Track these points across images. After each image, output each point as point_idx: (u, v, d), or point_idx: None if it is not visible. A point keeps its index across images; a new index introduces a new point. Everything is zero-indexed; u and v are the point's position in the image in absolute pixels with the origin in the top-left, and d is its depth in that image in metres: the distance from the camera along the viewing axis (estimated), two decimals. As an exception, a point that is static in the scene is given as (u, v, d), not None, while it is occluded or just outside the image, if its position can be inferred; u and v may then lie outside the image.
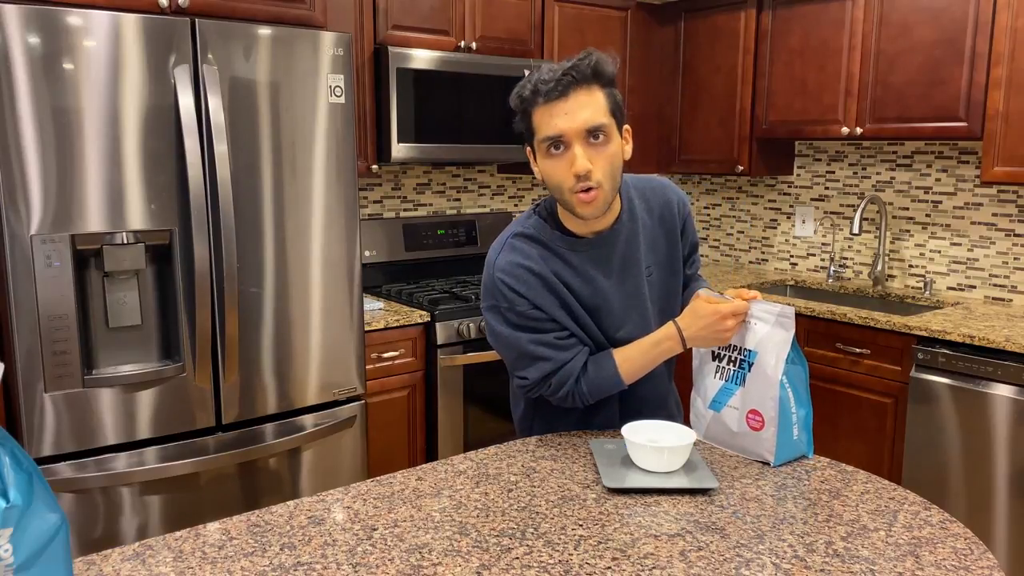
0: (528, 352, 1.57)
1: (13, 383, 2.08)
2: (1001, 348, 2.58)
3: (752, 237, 4.12)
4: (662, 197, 1.66)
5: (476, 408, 3.07)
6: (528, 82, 1.47)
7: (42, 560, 0.92)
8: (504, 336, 1.58)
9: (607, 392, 1.59)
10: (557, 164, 1.46)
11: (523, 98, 1.48)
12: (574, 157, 1.43)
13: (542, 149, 1.48)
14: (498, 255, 1.58)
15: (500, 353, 1.64)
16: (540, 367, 1.57)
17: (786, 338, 1.45)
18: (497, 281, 1.56)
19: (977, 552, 1.17)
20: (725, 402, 1.53)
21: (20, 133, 1.98)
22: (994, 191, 3.22)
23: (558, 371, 1.56)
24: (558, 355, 1.56)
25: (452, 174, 3.70)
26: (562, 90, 1.42)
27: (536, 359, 1.57)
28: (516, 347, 1.58)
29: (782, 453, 1.47)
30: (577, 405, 1.61)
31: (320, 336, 2.50)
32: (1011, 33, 2.77)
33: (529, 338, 1.56)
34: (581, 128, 1.42)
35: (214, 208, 2.24)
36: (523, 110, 1.49)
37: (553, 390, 1.58)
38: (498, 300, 1.57)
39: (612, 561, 1.13)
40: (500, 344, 1.61)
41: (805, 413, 1.49)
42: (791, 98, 3.46)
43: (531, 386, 1.59)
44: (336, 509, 1.29)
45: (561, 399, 1.59)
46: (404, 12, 3.03)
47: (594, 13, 3.59)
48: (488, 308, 1.60)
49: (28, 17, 1.95)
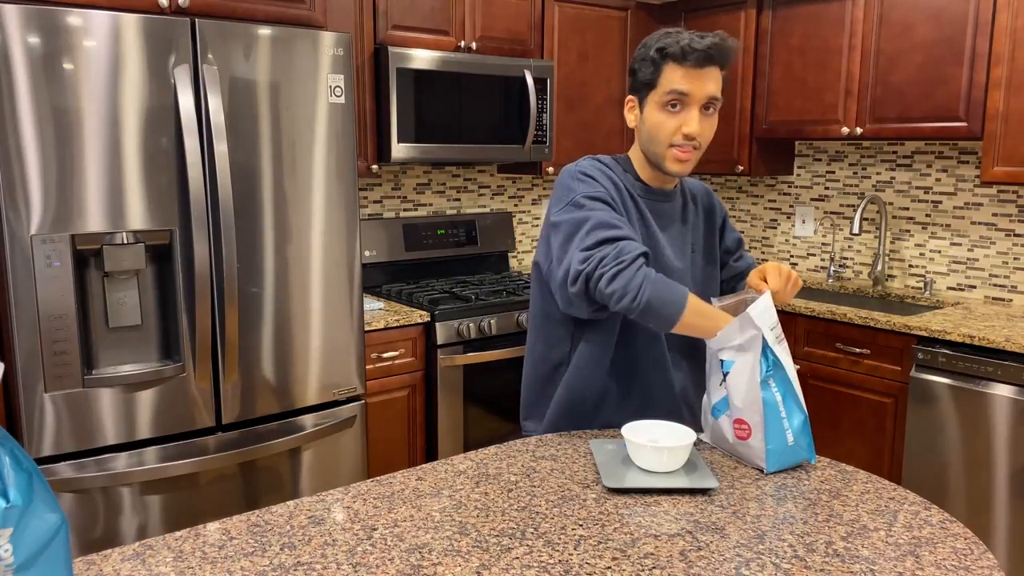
0: (603, 220, 1.51)
1: (13, 383, 2.08)
2: (1001, 348, 2.58)
3: (752, 237, 4.12)
4: (704, 192, 1.81)
5: (476, 408, 3.07)
6: (674, 39, 1.53)
7: (42, 560, 0.92)
8: (576, 218, 1.53)
9: (665, 304, 1.46)
10: (670, 119, 1.56)
11: (666, 53, 1.54)
12: (690, 118, 1.55)
13: (660, 102, 1.56)
14: (576, 164, 1.64)
15: (566, 249, 1.54)
16: (612, 231, 1.50)
17: (756, 336, 1.43)
18: (577, 175, 1.60)
19: (977, 552, 1.17)
20: (724, 411, 1.52)
21: (20, 133, 1.98)
22: (994, 191, 3.22)
23: (627, 239, 1.50)
24: (629, 232, 1.52)
25: (452, 174, 3.70)
26: (703, 61, 1.53)
27: (611, 226, 1.51)
28: (590, 219, 1.52)
29: (775, 460, 1.44)
30: (631, 296, 1.46)
31: (320, 336, 2.50)
32: (1011, 33, 2.77)
33: (605, 212, 1.54)
34: (704, 96, 1.55)
35: (214, 208, 2.24)
36: (655, 61, 1.55)
37: (617, 253, 1.47)
38: (575, 190, 1.57)
39: (612, 561, 1.13)
40: (573, 226, 1.53)
41: (801, 419, 1.45)
42: (791, 98, 3.46)
43: (594, 247, 1.49)
44: (336, 509, 1.29)
45: (622, 270, 1.47)
46: (404, 12, 3.03)
47: (594, 13, 3.59)
48: (560, 210, 1.57)
49: (28, 17, 1.95)
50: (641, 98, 1.61)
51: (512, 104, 3.25)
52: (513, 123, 3.26)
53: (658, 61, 1.55)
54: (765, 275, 1.57)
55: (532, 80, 3.26)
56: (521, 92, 3.26)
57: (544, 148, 3.36)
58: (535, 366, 1.74)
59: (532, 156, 3.34)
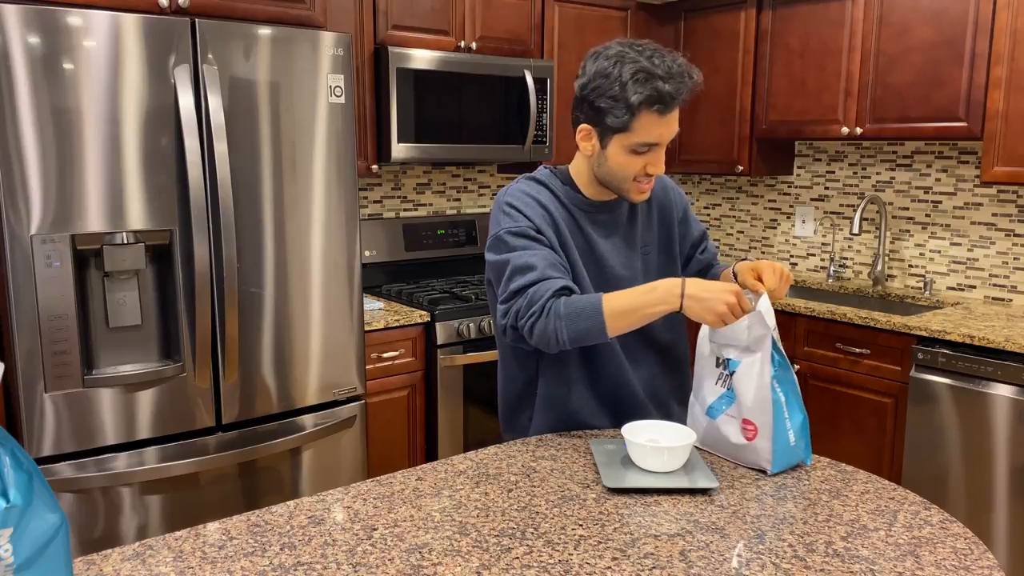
0: (518, 264, 1.53)
1: (13, 383, 2.08)
2: (1001, 348, 2.58)
3: (752, 237, 4.12)
4: (659, 188, 1.77)
5: (476, 408, 3.07)
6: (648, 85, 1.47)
7: (42, 560, 0.92)
8: (498, 261, 1.57)
9: (586, 329, 1.47)
10: (636, 161, 1.55)
11: (644, 98, 1.47)
12: (657, 160, 1.56)
13: (628, 147, 1.53)
14: (506, 190, 1.65)
15: (494, 288, 1.60)
16: (525, 278, 1.51)
17: (764, 335, 1.43)
18: (504, 206, 1.61)
19: (977, 552, 1.17)
20: (722, 409, 1.51)
21: (20, 133, 1.98)
22: (994, 191, 3.22)
23: (540, 282, 1.50)
24: (545, 269, 1.52)
25: (452, 174, 3.70)
26: (673, 105, 1.52)
27: (525, 270, 1.52)
28: (509, 263, 1.54)
29: (779, 461, 1.44)
30: (552, 341, 1.49)
31: (320, 336, 2.50)
32: (1011, 33, 2.77)
33: (524, 251, 1.54)
34: (671, 137, 1.56)
35: (214, 208, 2.24)
36: (631, 108, 1.48)
37: (528, 304, 1.49)
38: (500, 223, 1.59)
39: (612, 561, 1.13)
40: (496, 271, 1.58)
41: (801, 419, 1.46)
42: (791, 98, 3.46)
43: (509, 299, 1.53)
44: (336, 509, 1.29)
45: (535, 322, 1.49)
46: (404, 12, 3.03)
47: (594, 13, 3.59)
48: (491, 244, 1.60)
49: (28, 17, 1.95)
50: (603, 134, 1.55)
51: (512, 104, 3.25)
52: (513, 123, 3.26)
53: (635, 109, 1.48)
54: (760, 273, 1.55)
55: (532, 80, 3.26)
56: (521, 92, 3.26)
57: (544, 148, 3.36)
58: (508, 383, 1.74)
59: (532, 156, 3.34)
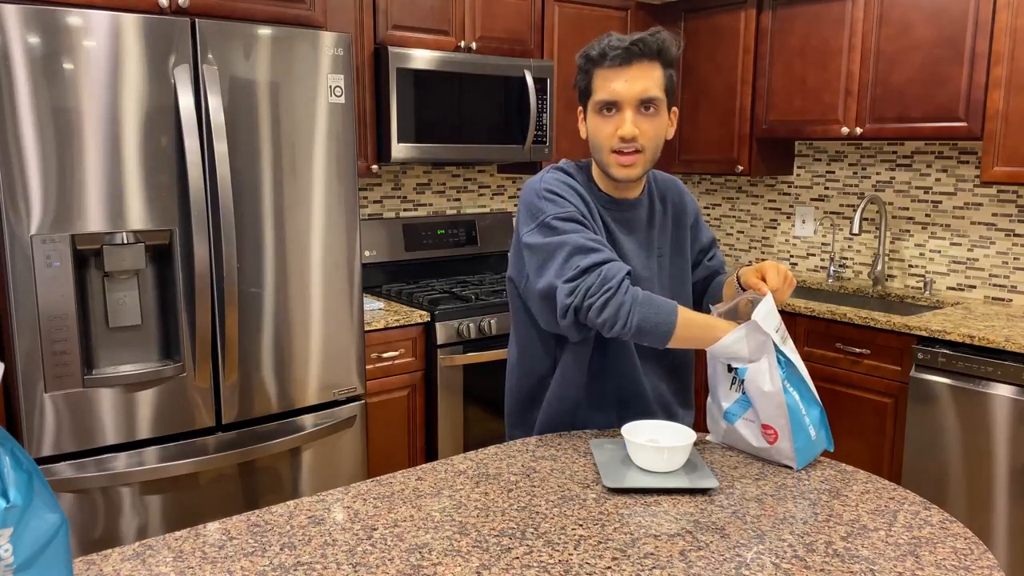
0: (580, 244, 1.48)
1: (13, 383, 2.08)
2: (1001, 348, 2.58)
3: (752, 237, 4.12)
4: (675, 190, 1.76)
5: (476, 408, 3.07)
6: (597, 43, 1.53)
7: (42, 560, 0.92)
8: (551, 243, 1.51)
9: (655, 324, 1.45)
10: (605, 125, 1.53)
11: (589, 58, 1.54)
12: (623, 120, 1.51)
13: (595, 109, 1.55)
14: (540, 179, 1.61)
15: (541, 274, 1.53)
16: (591, 257, 1.47)
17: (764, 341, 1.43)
18: (543, 192, 1.56)
19: (977, 552, 1.16)
20: (740, 414, 1.51)
21: (20, 133, 1.98)
22: (994, 191, 3.22)
23: (610, 262, 1.48)
24: (608, 252, 1.51)
25: (452, 174, 3.70)
26: (627, 58, 1.49)
27: (589, 250, 1.48)
28: (567, 244, 1.49)
29: (803, 457, 1.45)
30: (620, 322, 1.45)
31: (320, 336, 2.50)
32: (1011, 33, 2.77)
33: (582, 233, 1.51)
34: (636, 96, 1.50)
35: (214, 208, 2.24)
36: (586, 69, 1.55)
37: (602, 281, 1.46)
38: (544, 210, 1.54)
39: (612, 561, 1.13)
40: (545, 254, 1.52)
41: (818, 412, 1.47)
42: (791, 98, 3.46)
43: (577, 276, 1.47)
44: (336, 509, 1.29)
45: (610, 298, 1.45)
46: (404, 12, 3.03)
47: (594, 13, 3.59)
48: (530, 231, 1.55)
49: (28, 17, 1.95)
50: (584, 109, 1.59)
51: (512, 104, 3.25)
52: (513, 123, 3.26)
53: (587, 68, 1.55)
54: (763, 274, 1.54)
55: (532, 80, 3.26)
56: (521, 92, 3.26)
57: (544, 148, 3.36)
58: (521, 379, 1.73)
59: (532, 156, 3.34)
